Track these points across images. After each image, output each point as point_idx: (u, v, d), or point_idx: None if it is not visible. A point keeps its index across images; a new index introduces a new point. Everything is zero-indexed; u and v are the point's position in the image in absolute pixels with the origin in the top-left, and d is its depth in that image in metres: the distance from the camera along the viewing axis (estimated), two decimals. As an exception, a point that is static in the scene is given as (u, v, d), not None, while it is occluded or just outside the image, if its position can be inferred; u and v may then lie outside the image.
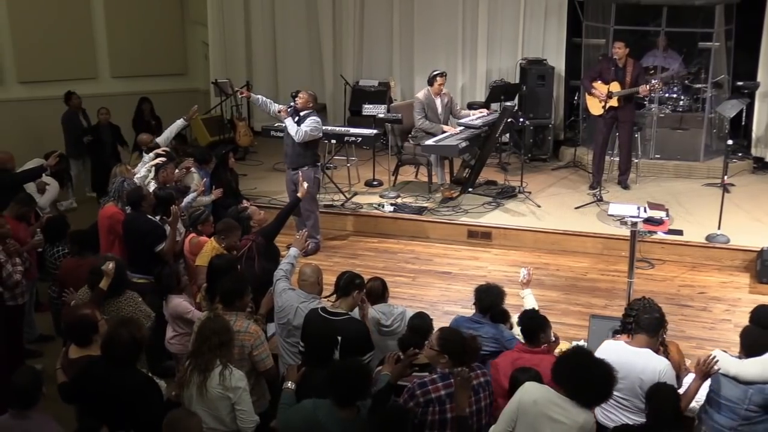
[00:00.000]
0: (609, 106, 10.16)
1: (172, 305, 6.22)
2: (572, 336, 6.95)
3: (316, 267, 6.12)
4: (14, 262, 6.84)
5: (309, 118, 8.84)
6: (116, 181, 7.87)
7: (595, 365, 4.40)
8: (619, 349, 5.05)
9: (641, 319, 5.06)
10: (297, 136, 8.75)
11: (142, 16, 13.77)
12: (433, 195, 10.50)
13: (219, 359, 4.88)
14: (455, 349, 4.73)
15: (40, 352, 7.65)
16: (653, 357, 4.96)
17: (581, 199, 10.33)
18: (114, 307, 5.94)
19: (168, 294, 6.29)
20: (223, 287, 5.59)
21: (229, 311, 5.46)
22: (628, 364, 4.91)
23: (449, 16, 12.69)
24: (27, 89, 13.07)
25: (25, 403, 4.54)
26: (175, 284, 6.29)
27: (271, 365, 5.50)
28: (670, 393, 4.66)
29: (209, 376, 4.85)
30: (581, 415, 4.33)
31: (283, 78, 13.68)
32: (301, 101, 8.92)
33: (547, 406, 4.35)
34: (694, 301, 8.12)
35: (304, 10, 13.45)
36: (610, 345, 5.13)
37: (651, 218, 8.33)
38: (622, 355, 4.97)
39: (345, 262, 8.96)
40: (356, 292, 5.66)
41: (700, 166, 11.36)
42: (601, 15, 11.83)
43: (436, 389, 4.67)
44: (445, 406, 4.65)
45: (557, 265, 9.02)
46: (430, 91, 10.32)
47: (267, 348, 5.51)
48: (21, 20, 12.87)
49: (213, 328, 4.93)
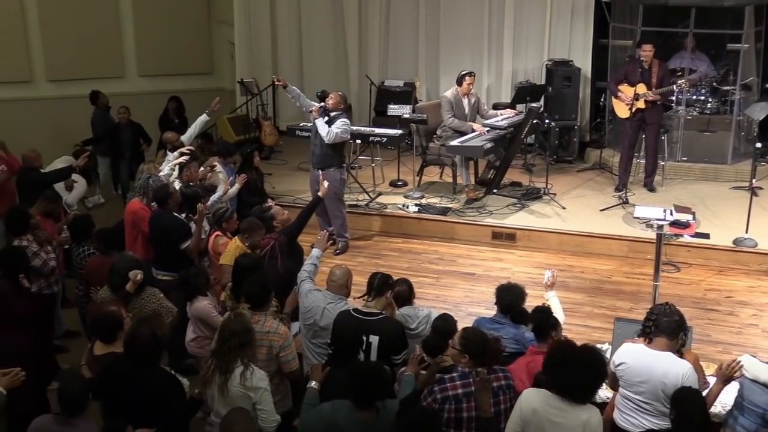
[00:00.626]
0: (636, 108, 10.09)
1: (196, 307, 6.20)
2: (596, 339, 6.91)
3: (346, 269, 6.08)
4: (47, 249, 6.98)
5: (339, 119, 8.86)
6: (142, 178, 7.95)
7: (576, 359, 4.36)
8: (639, 352, 4.99)
9: (661, 322, 5.00)
10: (327, 137, 8.76)
11: (169, 16, 13.90)
12: (458, 196, 10.49)
13: (240, 359, 4.90)
14: (476, 350, 4.74)
15: (67, 348, 7.72)
16: (675, 360, 4.90)
17: (607, 201, 10.28)
18: (137, 304, 5.98)
19: (195, 295, 6.28)
20: (249, 290, 5.58)
21: (257, 312, 5.48)
22: (650, 368, 4.86)
23: (475, 16, 12.67)
24: (56, 87, 13.24)
25: (72, 411, 4.52)
26: (203, 284, 6.29)
27: (296, 367, 5.51)
28: (697, 398, 4.60)
29: (230, 376, 4.87)
30: (582, 413, 4.29)
31: (308, 78, 13.71)
32: (332, 102, 8.95)
33: (547, 411, 4.33)
34: (721, 305, 8.04)
35: (330, 9, 13.48)
36: (630, 348, 5.07)
37: (677, 221, 8.24)
38: (642, 359, 4.92)
39: (369, 262, 8.97)
40: (389, 293, 5.73)
41: (728, 169, 11.25)
42: (629, 16, 11.74)
43: (454, 387, 4.68)
44: (461, 404, 4.66)
45: (582, 267, 8.97)
46: (459, 90, 10.31)
47: (294, 350, 5.51)
48: (51, 19, 13.04)
49: (233, 329, 4.94)
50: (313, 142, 9.08)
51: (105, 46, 13.50)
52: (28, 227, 6.87)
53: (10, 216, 7.04)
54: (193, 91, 13.55)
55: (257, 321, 5.32)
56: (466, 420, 4.67)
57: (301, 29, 13.63)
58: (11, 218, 7.00)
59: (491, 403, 4.65)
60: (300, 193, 10.38)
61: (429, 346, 5.15)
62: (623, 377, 4.95)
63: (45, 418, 4.61)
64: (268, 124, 12.53)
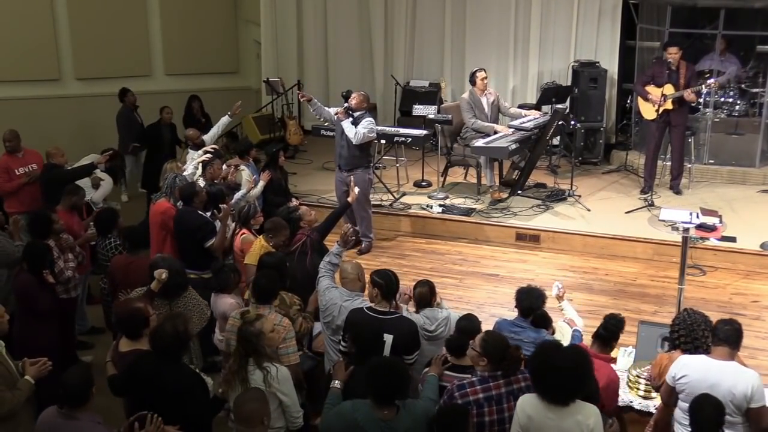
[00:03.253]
0: (663, 109, 10.02)
1: (220, 304, 6.24)
2: (620, 342, 6.80)
3: (356, 263, 6.12)
4: (66, 258, 6.95)
5: (364, 119, 8.83)
6: (168, 177, 7.95)
7: (555, 362, 4.26)
8: (701, 363, 4.85)
9: (719, 330, 4.86)
10: (355, 139, 8.72)
11: (196, 15, 13.99)
12: (482, 197, 10.47)
13: (257, 363, 4.96)
14: (495, 354, 4.72)
15: (92, 344, 7.80)
16: (742, 370, 4.79)
17: (632, 203, 10.21)
18: (181, 302, 6.04)
19: (222, 291, 6.31)
20: (257, 282, 5.67)
21: (262, 306, 5.54)
22: (716, 379, 4.73)
23: (501, 17, 12.64)
24: (84, 86, 13.36)
25: (75, 402, 4.56)
26: (232, 281, 6.32)
27: (295, 361, 5.50)
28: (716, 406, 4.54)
29: (251, 376, 4.92)
30: (575, 413, 4.24)
31: (333, 77, 13.75)
32: (356, 102, 8.89)
33: (541, 415, 4.28)
34: (747, 310, 7.96)
35: (356, 9, 13.50)
36: (690, 360, 4.91)
37: (703, 224, 8.16)
38: (707, 371, 4.78)
39: (392, 262, 8.96)
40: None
41: (756, 172, 11.15)
42: (656, 17, 11.66)
43: (474, 392, 4.68)
44: (483, 409, 4.65)
45: (606, 269, 8.92)
46: (475, 90, 10.28)
47: (294, 344, 5.54)
48: (79, 18, 13.16)
49: (243, 336, 5.02)
50: (339, 144, 9.03)
51: (132, 45, 13.61)
52: (51, 232, 6.84)
53: (32, 220, 6.99)
54: (219, 90, 13.66)
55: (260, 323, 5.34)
56: (488, 424, 4.66)
57: (327, 29, 13.67)
58: (33, 222, 6.93)
59: (511, 406, 4.64)
60: (324, 193, 10.41)
61: (453, 345, 5.15)
62: (685, 390, 4.81)
63: (50, 410, 4.64)
64: (293, 124, 12.58)
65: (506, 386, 4.71)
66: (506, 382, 4.72)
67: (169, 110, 11.56)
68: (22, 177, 8.67)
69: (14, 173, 8.68)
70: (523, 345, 5.49)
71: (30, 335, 6.13)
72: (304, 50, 13.82)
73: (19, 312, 6.26)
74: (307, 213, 7.38)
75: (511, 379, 4.70)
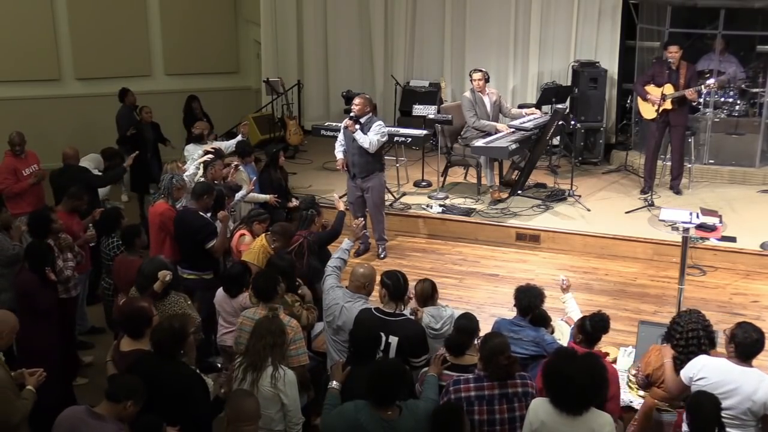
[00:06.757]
0: (662, 109, 10.02)
1: (242, 298, 6.27)
2: (620, 342, 6.88)
3: (370, 270, 6.01)
4: (65, 257, 6.96)
5: (373, 124, 8.65)
6: (165, 178, 7.87)
7: (569, 371, 4.23)
8: (722, 366, 4.84)
9: (737, 335, 4.86)
10: (370, 148, 8.56)
11: (196, 15, 13.98)
12: (482, 197, 10.47)
13: (271, 359, 4.95)
14: (486, 355, 4.74)
15: (92, 344, 7.81)
16: (764, 377, 4.78)
17: (632, 203, 10.22)
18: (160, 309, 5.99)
19: (240, 290, 6.33)
20: (255, 284, 5.73)
21: (264, 305, 5.57)
22: (737, 384, 4.73)
23: (501, 17, 12.63)
24: (84, 86, 13.38)
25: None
26: (248, 281, 6.31)
27: (304, 362, 5.53)
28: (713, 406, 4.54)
29: (261, 374, 4.93)
30: (589, 421, 4.22)
31: (333, 77, 13.75)
32: (358, 108, 8.67)
33: (555, 420, 4.27)
34: (747, 310, 7.95)
35: (356, 9, 13.50)
36: (710, 362, 4.90)
37: (703, 224, 8.16)
38: (728, 374, 4.78)
39: (393, 262, 8.96)
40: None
41: (756, 172, 11.15)
42: (656, 17, 11.65)
43: (467, 389, 4.71)
44: (473, 407, 4.68)
45: (606, 269, 8.92)
46: (474, 89, 10.28)
47: (303, 345, 5.56)
48: (79, 19, 13.18)
49: (269, 329, 5.03)
50: (350, 152, 8.79)
51: (132, 45, 13.62)
52: (49, 231, 6.84)
53: (31, 218, 7.00)
54: (219, 90, 13.69)
55: (284, 324, 5.34)
56: (478, 423, 4.68)
57: (327, 28, 13.66)
58: (32, 221, 6.94)
59: (505, 409, 4.64)
60: (324, 193, 10.40)
61: (452, 344, 5.16)
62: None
63: (76, 409, 4.64)
64: (293, 123, 12.58)
65: (500, 388, 4.72)
66: (501, 384, 4.72)
67: (148, 109, 11.51)
68: (29, 178, 8.70)
69: (22, 174, 8.72)
70: (522, 344, 5.51)
71: (30, 335, 6.13)
72: (304, 50, 13.81)
73: (20, 311, 6.26)
74: (322, 218, 7.47)
75: (507, 382, 4.71)
